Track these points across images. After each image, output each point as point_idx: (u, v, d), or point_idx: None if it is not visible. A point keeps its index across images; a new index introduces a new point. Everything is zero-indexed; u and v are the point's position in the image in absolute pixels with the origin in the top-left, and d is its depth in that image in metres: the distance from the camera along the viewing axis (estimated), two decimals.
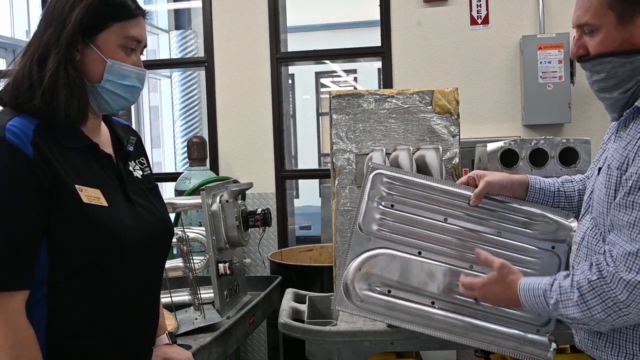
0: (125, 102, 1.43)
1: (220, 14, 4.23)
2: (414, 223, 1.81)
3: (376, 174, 1.89)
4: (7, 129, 1.25)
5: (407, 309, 1.72)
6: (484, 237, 1.78)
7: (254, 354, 4.18)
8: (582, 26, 1.44)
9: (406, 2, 3.98)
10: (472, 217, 1.80)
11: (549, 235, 1.77)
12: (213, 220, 2.67)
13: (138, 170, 1.53)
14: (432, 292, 1.74)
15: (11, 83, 1.34)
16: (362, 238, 1.80)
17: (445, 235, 1.79)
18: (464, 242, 1.77)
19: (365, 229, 1.81)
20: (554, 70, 3.69)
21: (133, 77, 1.42)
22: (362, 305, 1.73)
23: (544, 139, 2.38)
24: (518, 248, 1.77)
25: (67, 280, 1.30)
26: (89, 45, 1.36)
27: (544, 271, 1.71)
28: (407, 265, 1.76)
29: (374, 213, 1.83)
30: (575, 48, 1.47)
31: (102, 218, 1.32)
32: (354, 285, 1.75)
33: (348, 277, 1.76)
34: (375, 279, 1.75)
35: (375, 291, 1.74)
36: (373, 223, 1.82)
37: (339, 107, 2.50)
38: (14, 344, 1.23)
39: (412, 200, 1.85)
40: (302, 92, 9.36)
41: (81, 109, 1.34)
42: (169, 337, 1.67)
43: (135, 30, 1.40)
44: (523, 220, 1.79)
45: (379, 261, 1.76)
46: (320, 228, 4.35)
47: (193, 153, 4.05)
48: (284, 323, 2.10)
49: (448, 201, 1.83)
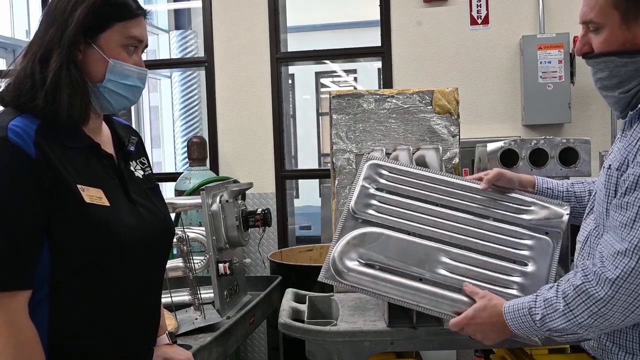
0: (126, 102, 1.44)
1: (220, 14, 4.23)
2: (405, 207, 1.83)
3: (371, 164, 1.93)
4: (10, 128, 1.25)
5: (393, 283, 1.70)
6: (475, 221, 1.80)
7: (254, 354, 4.18)
8: (587, 23, 1.44)
9: (406, 2, 3.98)
10: (464, 203, 1.83)
11: (542, 222, 1.78)
12: (213, 220, 2.67)
13: (139, 170, 1.53)
14: (419, 269, 1.72)
15: (12, 83, 1.34)
16: (354, 220, 1.82)
17: (436, 218, 1.81)
18: (455, 226, 1.79)
19: (357, 212, 1.82)
20: (554, 70, 3.69)
21: (135, 77, 1.42)
22: (349, 278, 1.71)
23: (544, 139, 2.37)
24: (509, 232, 1.78)
25: (67, 280, 1.30)
26: (90, 45, 1.36)
27: (537, 255, 1.73)
28: (396, 243, 1.76)
29: (367, 197, 1.85)
30: (580, 44, 1.47)
31: (103, 218, 1.32)
32: (342, 258, 1.74)
33: (337, 251, 1.75)
34: (363, 255, 1.74)
35: (362, 265, 1.73)
36: (365, 206, 1.84)
37: (339, 107, 2.50)
38: (17, 343, 1.23)
39: (405, 187, 1.88)
40: (302, 92, 9.36)
41: (83, 108, 1.35)
42: (169, 337, 1.67)
43: (137, 30, 1.40)
44: (515, 207, 1.82)
45: (367, 238, 1.77)
46: (320, 228, 4.35)
47: (193, 153, 4.05)
48: (284, 323, 2.10)
49: (441, 189, 1.86)
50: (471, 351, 3.32)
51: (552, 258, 1.73)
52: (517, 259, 1.73)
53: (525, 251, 1.75)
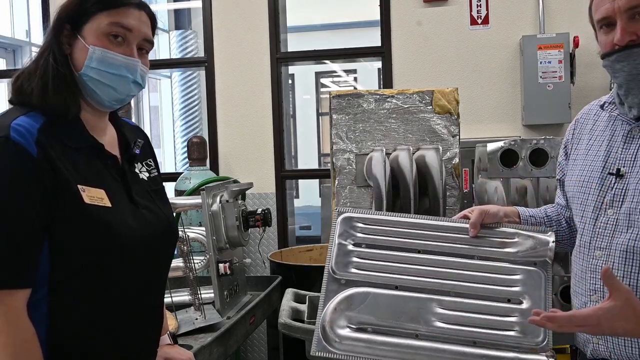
0: (114, 92, 1.39)
1: (220, 14, 4.23)
2: (386, 259, 1.73)
3: (344, 218, 1.82)
4: (12, 127, 1.26)
5: (389, 345, 1.62)
6: (461, 263, 1.71)
7: (254, 354, 4.19)
8: (632, 9, 1.33)
9: (406, 2, 3.99)
10: (446, 245, 1.73)
11: (529, 252, 1.70)
12: (213, 220, 2.68)
13: (144, 172, 1.53)
14: (414, 325, 1.64)
15: (19, 81, 1.37)
16: (336, 282, 1.72)
17: (420, 266, 1.71)
18: (441, 272, 1.70)
19: (338, 273, 1.73)
20: (554, 70, 3.69)
21: (120, 66, 1.37)
22: (342, 347, 1.62)
23: (544, 139, 2.38)
24: (497, 270, 1.69)
25: (67, 280, 1.30)
26: (76, 36, 1.37)
27: (529, 289, 1.65)
28: (385, 301, 1.67)
29: (345, 255, 1.75)
30: (624, 35, 1.35)
31: (104, 218, 1.31)
32: (331, 327, 1.65)
33: (325, 320, 1.65)
34: (353, 319, 1.65)
35: (354, 330, 1.64)
36: (345, 265, 1.74)
37: (339, 107, 2.50)
38: (15, 342, 1.23)
39: (383, 237, 1.77)
40: (302, 92, 9.35)
41: (72, 100, 1.35)
42: (171, 338, 1.67)
43: (124, 19, 1.37)
44: (499, 242, 1.73)
45: (355, 300, 1.67)
46: (320, 228, 4.36)
47: (193, 153, 4.05)
48: (284, 323, 2.10)
49: (421, 233, 1.76)
50: None
51: (545, 290, 1.65)
52: (511, 297, 1.65)
53: (517, 287, 1.67)
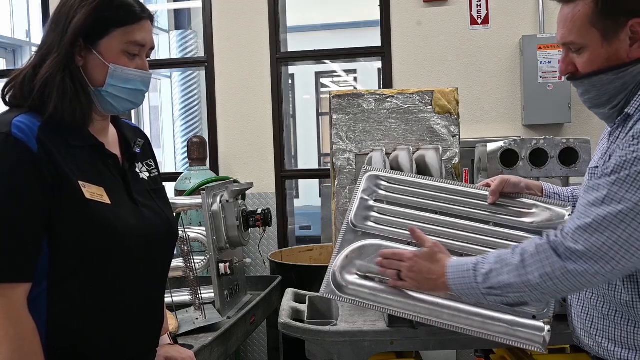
0: (130, 105, 1.44)
1: (220, 14, 4.23)
2: (404, 216, 1.81)
3: (370, 175, 1.91)
4: (13, 124, 1.27)
5: (392, 295, 1.67)
6: (475, 228, 1.77)
7: (254, 354, 4.19)
8: (567, 45, 1.45)
9: (406, 2, 3.99)
10: (464, 210, 1.81)
11: (545, 224, 1.75)
12: (213, 220, 2.68)
13: (145, 172, 1.54)
14: None
15: (14, 84, 1.37)
16: (353, 232, 1.80)
17: (435, 226, 1.78)
18: (454, 233, 1.76)
19: (356, 225, 1.81)
20: (554, 70, 3.69)
21: (137, 81, 1.42)
22: (349, 291, 1.69)
23: (544, 139, 2.37)
24: (511, 237, 1.74)
25: (66, 276, 1.31)
26: (91, 50, 1.36)
27: None
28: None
29: (366, 209, 1.83)
30: (564, 65, 1.47)
31: (104, 214, 1.32)
32: (341, 272, 1.72)
33: (336, 265, 1.74)
34: (362, 267, 1.72)
35: (361, 278, 1.71)
36: (364, 219, 1.82)
37: (339, 107, 2.50)
38: (15, 335, 1.24)
39: (404, 197, 1.86)
40: (302, 92, 9.35)
41: (77, 113, 1.34)
42: (170, 337, 1.67)
43: (139, 35, 1.39)
44: (516, 211, 1.79)
45: (366, 250, 1.75)
46: (320, 228, 4.36)
47: (193, 153, 4.05)
48: (284, 323, 2.10)
49: (441, 196, 1.84)
50: (471, 351, 3.32)
51: None
52: None
53: None
